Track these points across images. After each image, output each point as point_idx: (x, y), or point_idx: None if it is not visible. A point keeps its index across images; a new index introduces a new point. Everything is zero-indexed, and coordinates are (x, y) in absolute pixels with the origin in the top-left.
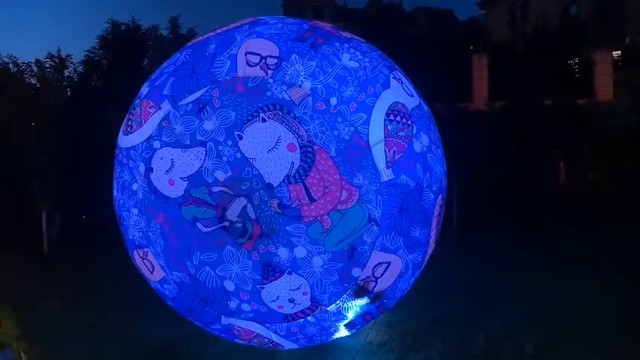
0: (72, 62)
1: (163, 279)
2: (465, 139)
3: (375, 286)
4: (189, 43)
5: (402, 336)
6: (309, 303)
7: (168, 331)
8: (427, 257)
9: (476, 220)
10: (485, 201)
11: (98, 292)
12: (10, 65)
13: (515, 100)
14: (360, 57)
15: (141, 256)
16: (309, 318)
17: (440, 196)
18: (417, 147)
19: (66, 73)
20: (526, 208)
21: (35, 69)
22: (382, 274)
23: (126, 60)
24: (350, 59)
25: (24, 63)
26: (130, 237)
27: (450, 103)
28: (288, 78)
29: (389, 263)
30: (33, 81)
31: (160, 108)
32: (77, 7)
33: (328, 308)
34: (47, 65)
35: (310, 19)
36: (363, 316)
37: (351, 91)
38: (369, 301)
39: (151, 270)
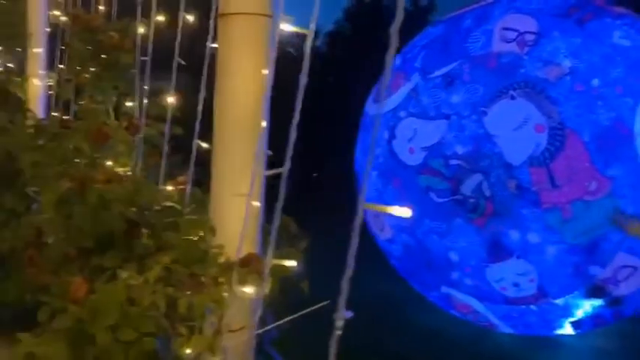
0: (321, 34)
1: (391, 238)
2: None
3: (613, 290)
4: (443, 18)
5: (636, 351)
6: (535, 291)
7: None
8: None
9: None
10: None
11: (326, 249)
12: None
13: None
14: (634, 35)
15: (373, 214)
16: (532, 306)
17: None
18: None
19: (317, 43)
20: None
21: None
22: (625, 279)
23: (368, 31)
24: (621, 37)
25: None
26: (367, 196)
27: None
28: (545, 55)
29: (635, 268)
30: (292, 50)
31: (410, 80)
32: None
33: (555, 301)
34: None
35: None
36: (594, 319)
37: (618, 72)
38: (604, 304)
39: (380, 228)
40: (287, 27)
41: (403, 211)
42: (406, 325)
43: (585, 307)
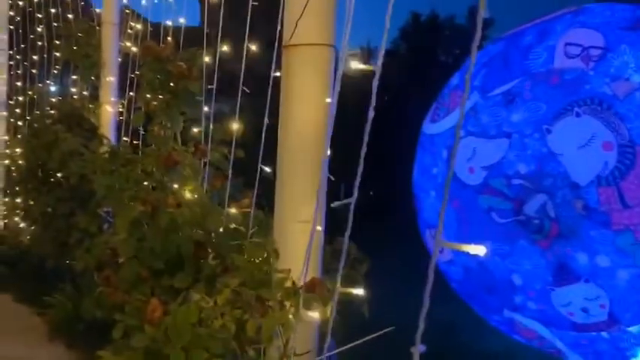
0: (376, 53)
1: (451, 260)
2: None
3: None
4: (502, 35)
5: None
6: (606, 318)
7: (448, 311)
8: None
9: None
10: None
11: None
12: None
13: None
14: None
15: (432, 235)
16: (602, 333)
17: None
18: None
19: (373, 62)
20: None
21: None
22: None
23: (425, 50)
24: None
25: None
26: (425, 217)
27: None
28: (612, 70)
29: None
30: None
31: (469, 98)
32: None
33: (628, 329)
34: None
35: None
36: None
37: None
38: None
39: (440, 249)
40: (354, 64)
41: (478, 249)
42: (467, 349)
43: None
